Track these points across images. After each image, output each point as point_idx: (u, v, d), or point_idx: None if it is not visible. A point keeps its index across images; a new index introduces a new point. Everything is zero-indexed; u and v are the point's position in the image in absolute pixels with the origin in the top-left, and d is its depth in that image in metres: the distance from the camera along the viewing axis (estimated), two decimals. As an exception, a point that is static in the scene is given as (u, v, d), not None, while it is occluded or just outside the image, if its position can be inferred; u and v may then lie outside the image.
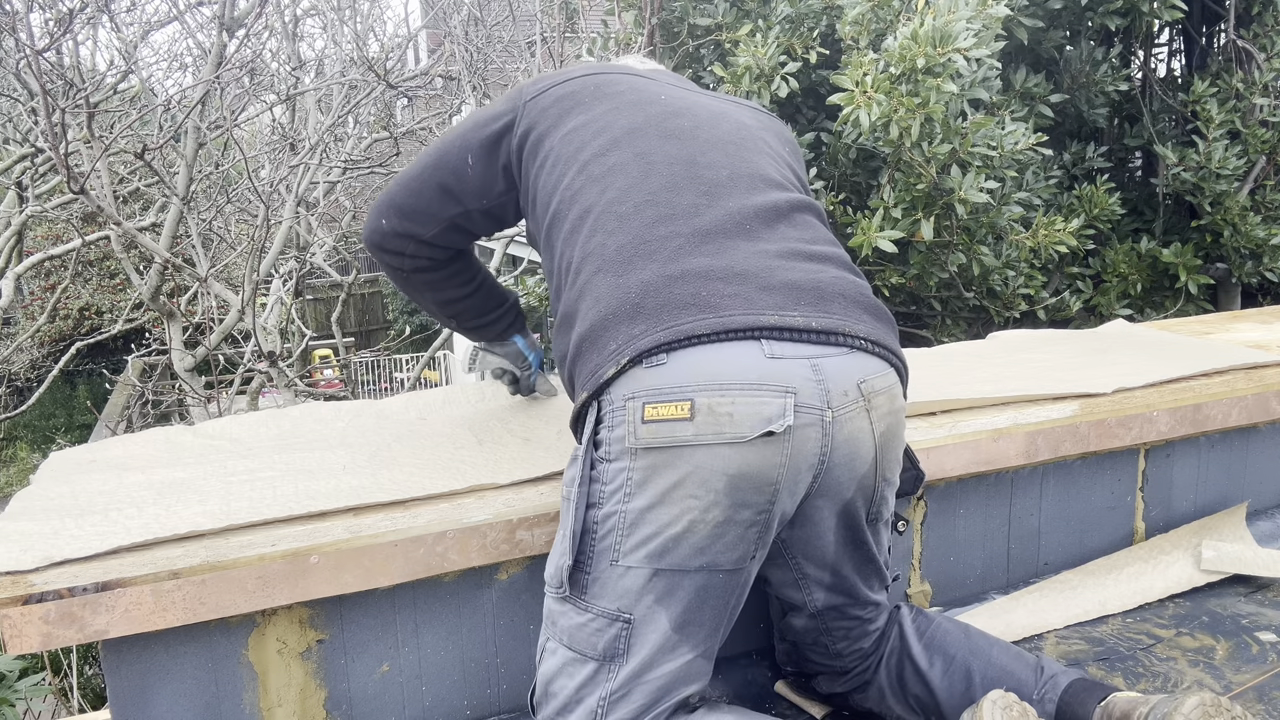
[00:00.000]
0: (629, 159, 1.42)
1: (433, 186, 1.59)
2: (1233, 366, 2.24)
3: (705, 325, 1.22)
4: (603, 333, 1.26)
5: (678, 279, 1.27)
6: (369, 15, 9.09)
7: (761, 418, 1.19)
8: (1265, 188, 4.17)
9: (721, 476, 1.20)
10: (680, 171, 1.40)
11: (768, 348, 1.22)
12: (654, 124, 1.47)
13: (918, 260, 3.81)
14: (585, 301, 1.32)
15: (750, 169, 1.44)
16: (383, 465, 1.63)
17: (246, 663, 1.39)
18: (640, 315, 1.25)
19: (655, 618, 1.25)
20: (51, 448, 11.28)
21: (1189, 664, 1.72)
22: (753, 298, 1.25)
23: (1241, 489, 2.18)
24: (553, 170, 1.47)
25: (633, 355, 1.22)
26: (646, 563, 1.23)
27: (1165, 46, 4.95)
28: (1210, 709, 1.23)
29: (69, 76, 5.33)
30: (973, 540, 1.91)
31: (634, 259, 1.30)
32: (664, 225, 1.33)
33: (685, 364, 1.21)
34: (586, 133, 1.47)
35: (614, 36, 4.90)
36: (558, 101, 1.53)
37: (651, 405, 1.20)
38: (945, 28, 3.20)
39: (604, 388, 1.25)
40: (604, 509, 1.25)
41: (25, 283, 11.94)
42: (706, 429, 1.19)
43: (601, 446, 1.26)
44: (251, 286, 5.02)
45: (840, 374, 1.24)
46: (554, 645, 1.30)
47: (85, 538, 1.36)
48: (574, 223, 1.39)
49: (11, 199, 6.91)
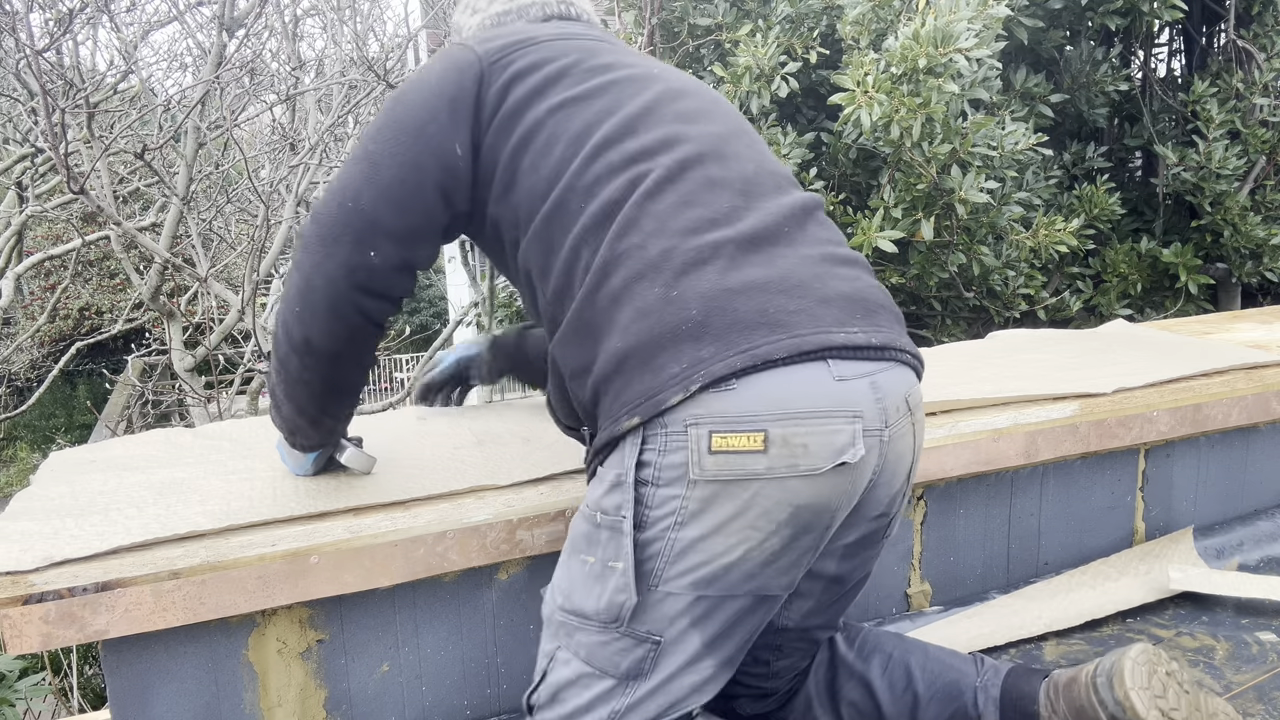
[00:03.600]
0: (654, 146, 1.27)
1: (429, 194, 1.31)
2: (1233, 366, 2.23)
3: (782, 348, 1.12)
4: (658, 352, 1.14)
5: (739, 293, 1.15)
6: (369, 15, 9.09)
7: (834, 448, 1.12)
8: (1265, 188, 4.17)
9: (787, 508, 1.13)
10: (713, 168, 1.27)
11: (835, 369, 1.14)
12: (666, 104, 1.32)
13: (918, 260, 3.81)
14: (624, 311, 1.17)
15: (768, 163, 1.35)
16: (383, 465, 1.63)
17: (246, 663, 1.39)
18: (706, 335, 1.13)
19: (688, 638, 1.18)
20: (51, 448, 11.29)
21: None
22: (816, 313, 1.16)
23: (1241, 489, 2.18)
24: (546, 151, 1.28)
25: (705, 382, 1.10)
26: (691, 589, 1.16)
27: (1165, 46, 4.95)
28: (1153, 656, 1.29)
29: (69, 76, 5.33)
30: (973, 540, 1.91)
31: (687, 267, 1.17)
32: (709, 231, 1.21)
33: (756, 390, 1.11)
34: (590, 110, 1.30)
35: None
36: (534, 66, 1.33)
37: (720, 435, 1.10)
38: (947, 28, 3.20)
39: (663, 413, 1.13)
40: (646, 533, 1.16)
41: (25, 283, 11.94)
42: (780, 462, 1.11)
43: (647, 468, 1.14)
44: (251, 286, 5.02)
45: (893, 390, 1.19)
46: (568, 656, 1.22)
47: (85, 538, 1.36)
48: (595, 217, 1.23)
49: (11, 199, 6.91)
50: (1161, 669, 1.29)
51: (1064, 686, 1.33)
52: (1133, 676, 1.27)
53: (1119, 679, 1.27)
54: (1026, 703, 1.35)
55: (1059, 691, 1.33)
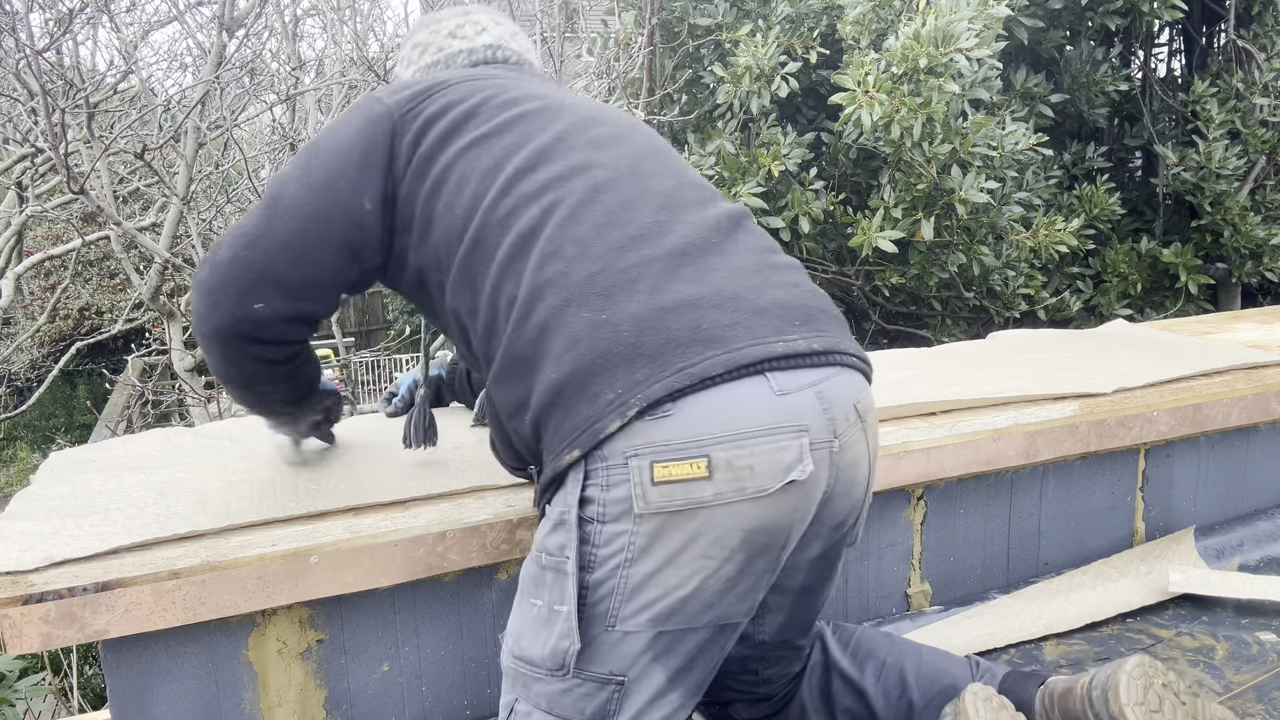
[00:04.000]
0: (567, 173, 1.25)
1: (333, 248, 1.30)
2: (1233, 366, 2.23)
3: (718, 364, 1.08)
4: (592, 379, 1.10)
5: (671, 311, 1.12)
6: (369, 15, 9.09)
7: (782, 466, 1.09)
8: (1265, 188, 4.17)
9: (739, 533, 1.10)
10: (628, 187, 1.25)
11: (774, 381, 1.11)
12: (577, 132, 1.31)
13: (918, 260, 3.81)
14: (554, 341, 1.14)
15: (686, 176, 1.32)
16: (383, 465, 1.63)
17: (246, 663, 1.39)
18: (640, 357, 1.09)
19: (651, 674, 1.14)
20: (51, 448, 11.28)
21: (1189, 664, 1.72)
22: (752, 325, 1.13)
23: (1241, 489, 2.18)
24: (459, 190, 1.28)
25: (641, 406, 1.07)
26: (649, 626, 1.12)
27: (1165, 46, 4.95)
28: (1149, 668, 1.28)
29: (69, 76, 5.33)
30: (973, 540, 1.91)
31: (612, 290, 1.14)
32: (634, 249, 1.18)
33: (694, 412, 1.08)
34: (500, 145, 1.29)
35: (614, 36, 4.90)
36: (444, 110, 1.33)
37: (662, 464, 1.07)
38: (947, 28, 3.20)
39: (600, 444, 1.10)
40: (596, 573, 1.11)
41: (25, 283, 11.94)
42: (727, 486, 1.07)
43: (591, 505, 1.11)
44: (251, 286, 5.01)
45: (840, 396, 1.15)
46: (527, 709, 1.17)
47: (85, 538, 1.36)
48: (513, 249, 1.21)
49: (11, 199, 6.91)
50: (1158, 681, 1.28)
51: (1059, 696, 1.32)
52: (1128, 692, 1.25)
53: (1114, 694, 1.26)
54: (1024, 710, 1.34)
55: (1054, 701, 1.33)
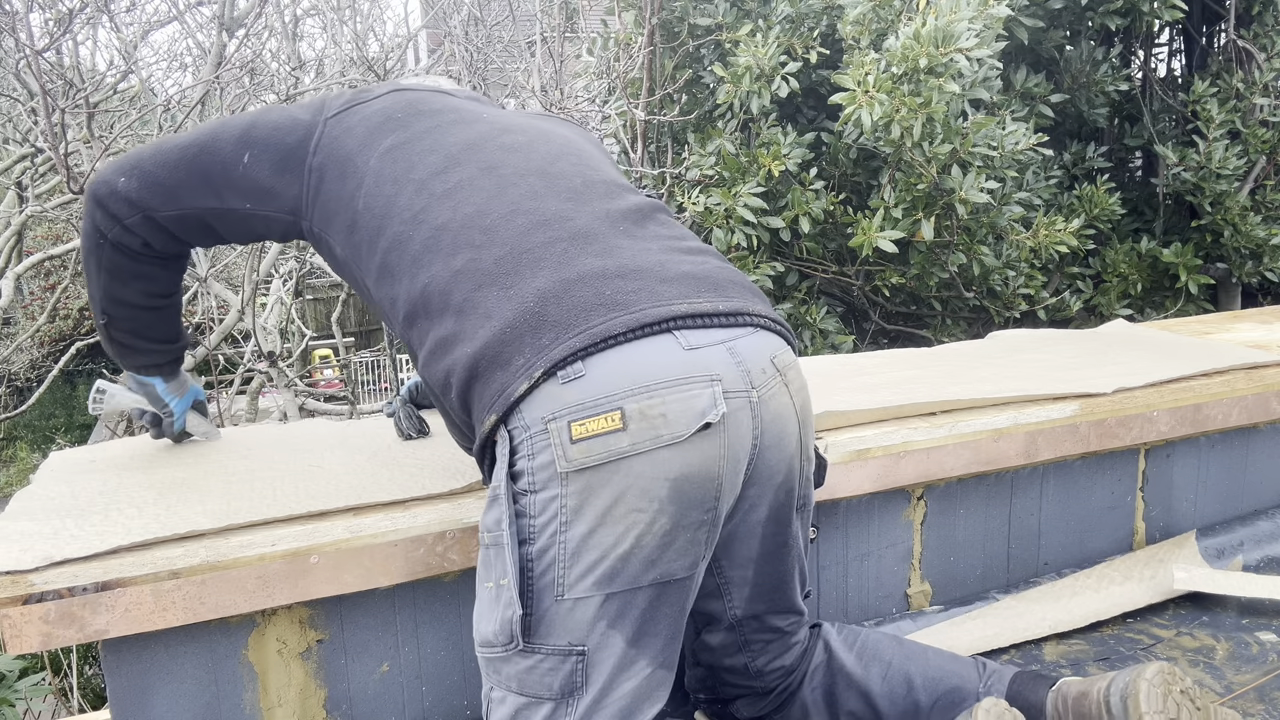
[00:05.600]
0: (476, 174, 1.34)
1: (195, 169, 1.44)
2: (1233, 366, 2.23)
3: (620, 324, 1.15)
4: (503, 348, 1.17)
5: (575, 282, 1.19)
6: (369, 15, 9.09)
7: (695, 411, 1.14)
8: (1265, 188, 4.17)
9: (664, 483, 1.13)
10: (535, 181, 1.33)
11: (682, 339, 1.16)
12: (489, 140, 1.40)
13: (918, 260, 3.81)
14: (470, 320, 1.21)
15: (599, 175, 1.39)
16: (383, 465, 1.63)
17: (246, 663, 1.39)
18: (545, 324, 1.16)
19: (610, 641, 1.17)
20: (51, 448, 11.29)
21: (1189, 664, 1.72)
22: (657, 290, 1.19)
23: (1241, 489, 2.18)
24: (377, 190, 1.36)
25: (546, 367, 1.13)
26: (596, 589, 1.15)
27: (1165, 46, 4.95)
28: (1168, 676, 1.28)
29: (69, 76, 5.33)
30: (973, 540, 1.91)
31: (519, 269, 1.22)
32: (540, 232, 1.25)
33: (605, 370, 1.13)
34: (414, 150, 1.38)
35: (614, 36, 4.90)
36: (365, 120, 1.43)
37: (578, 422, 1.12)
38: (947, 27, 3.20)
39: (513, 408, 1.15)
40: (537, 544, 1.15)
41: (25, 283, 11.94)
42: (642, 435, 1.12)
43: (522, 478, 1.16)
44: (251, 286, 5.02)
45: (754, 353, 1.21)
46: (501, 694, 1.20)
47: (85, 538, 1.35)
48: (426, 243, 1.29)
49: (11, 199, 6.91)
50: (1176, 689, 1.28)
51: (1074, 700, 1.32)
52: (1148, 700, 1.25)
53: (1134, 702, 1.25)
54: (1033, 713, 1.33)
55: (1068, 706, 1.32)
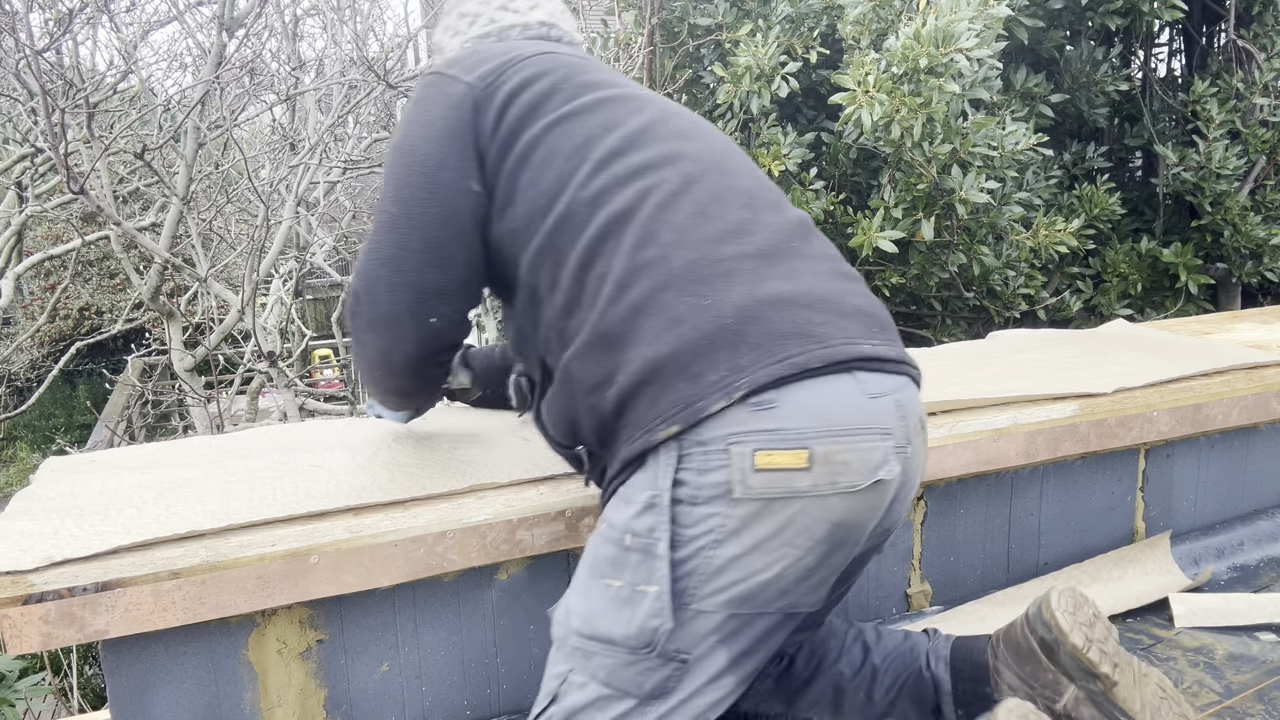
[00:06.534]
0: (658, 160, 1.27)
1: (468, 239, 1.33)
2: (1233, 366, 2.23)
3: (816, 358, 1.13)
4: (694, 360, 1.13)
5: (771, 304, 1.16)
6: (369, 15, 9.09)
7: (871, 465, 1.14)
8: (1265, 188, 4.17)
9: (826, 525, 1.13)
10: (717, 180, 1.28)
11: (863, 383, 1.15)
12: (662, 123, 1.33)
13: (918, 260, 3.81)
14: (651, 321, 1.16)
15: (762, 178, 1.35)
16: (383, 465, 1.63)
17: (246, 663, 1.39)
18: (745, 344, 1.13)
19: (714, 656, 1.17)
20: (51, 448, 11.28)
21: (1189, 664, 1.72)
22: (841, 326, 1.18)
23: (1241, 489, 2.18)
24: (547, 164, 1.28)
25: (748, 390, 1.11)
26: (724, 608, 1.15)
27: (1165, 46, 4.95)
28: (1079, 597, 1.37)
29: (69, 76, 5.32)
30: (973, 540, 1.91)
31: (712, 279, 1.17)
32: (730, 244, 1.21)
33: (796, 405, 1.11)
34: (589, 125, 1.30)
35: (614, 36, 4.90)
36: (524, 85, 1.33)
37: (765, 452, 1.10)
38: (947, 27, 3.20)
39: (699, 423, 1.12)
40: (680, 553, 1.14)
41: (25, 283, 11.95)
42: (823, 479, 1.11)
43: (684, 487, 1.13)
44: (251, 286, 5.02)
45: (910, 408, 1.20)
46: (583, 679, 1.19)
47: (85, 538, 1.36)
48: (605, 227, 1.22)
49: (11, 199, 6.91)
50: (1089, 608, 1.37)
51: (1004, 633, 1.41)
52: (1059, 601, 1.34)
53: (1046, 604, 1.35)
54: (975, 654, 1.42)
55: (1000, 639, 1.41)
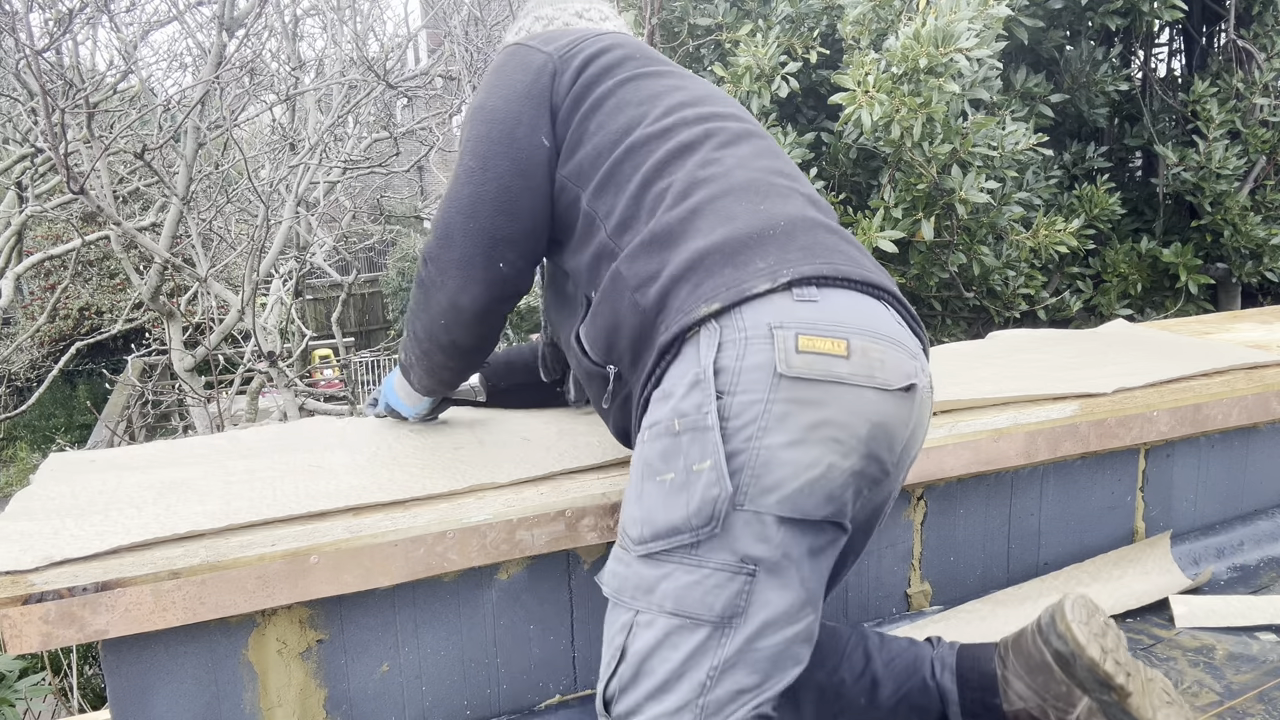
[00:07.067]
0: (721, 114, 1.41)
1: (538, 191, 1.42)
2: (1233, 366, 2.23)
3: (857, 273, 1.22)
4: (742, 249, 1.21)
5: (818, 226, 1.27)
6: (369, 15, 9.09)
7: (904, 371, 1.18)
8: (1265, 188, 4.17)
9: (865, 423, 1.15)
10: (761, 142, 1.40)
11: (894, 312, 1.24)
12: (716, 95, 1.47)
13: (918, 260, 3.81)
14: (705, 220, 1.25)
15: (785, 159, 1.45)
16: (383, 465, 1.63)
17: (246, 663, 1.39)
18: (794, 243, 1.22)
19: (782, 570, 1.15)
20: (51, 448, 11.29)
21: (1189, 664, 1.72)
22: (873, 270, 1.27)
23: (1241, 489, 2.18)
24: (618, 110, 1.39)
25: (793, 277, 1.17)
26: (776, 508, 1.13)
27: (1165, 46, 4.95)
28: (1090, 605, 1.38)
29: (69, 76, 5.33)
30: (973, 540, 1.91)
31: (770, 194, 1.28)
32: (782, 179, 1.34)
33: (836, 304, 1.18)
34: (658, 84, 1.43)
35: (614, 36, 4.90)
36: (600, 52, 1.46)
37: (807, 337, 1.14)
38: (947, 27, 3.20)
39: (739, 304, 1.17)
40: (730, 445, 1.13)
41: (25, 283, 11.95)
42: (860, 370, 1.15)
43: (724, 375, 1.14)
44: (251, 286, 5.02)
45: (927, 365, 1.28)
46: (650, 616, 1.16)
47: (85, 538, 1.35)
48: (671, 153, 1.33)
49: (11, 199, 6.91)
50: (1100, 617, 1.37)
51: (1013, 642, 1.41)
52: (1073, 612, 1.35)
53: (1060, 615, 1.35)
54: (983, 664, 1.41)
55: (1009, 648, 1.41)
